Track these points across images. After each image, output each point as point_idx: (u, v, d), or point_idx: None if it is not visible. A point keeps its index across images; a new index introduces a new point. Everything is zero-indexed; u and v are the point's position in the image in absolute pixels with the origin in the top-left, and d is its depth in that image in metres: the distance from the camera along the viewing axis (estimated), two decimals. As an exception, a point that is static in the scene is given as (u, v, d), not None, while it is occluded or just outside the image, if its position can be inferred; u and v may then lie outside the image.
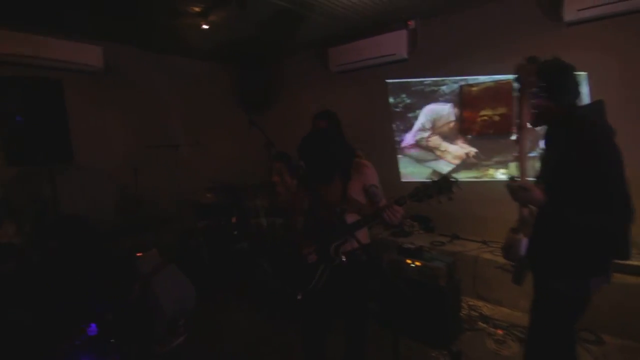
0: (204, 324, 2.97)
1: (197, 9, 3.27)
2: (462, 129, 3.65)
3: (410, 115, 3.97)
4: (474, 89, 3.51)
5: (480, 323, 2.81)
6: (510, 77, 3.23)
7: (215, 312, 3.20)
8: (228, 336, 2.85)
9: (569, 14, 2.83)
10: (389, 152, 4.11)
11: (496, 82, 3.37)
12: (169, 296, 2.61)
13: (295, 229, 1.92)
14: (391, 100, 4.09)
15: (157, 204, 4.29)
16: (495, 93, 3.39)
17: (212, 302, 3.34)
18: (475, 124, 3.55)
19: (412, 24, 3.79)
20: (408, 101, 3.99)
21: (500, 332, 2.67)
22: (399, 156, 4.11)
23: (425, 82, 3.82)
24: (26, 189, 3.39)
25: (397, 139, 4.10)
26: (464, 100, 3.59)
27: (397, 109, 4.07)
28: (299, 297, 1.77)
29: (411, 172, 4.08)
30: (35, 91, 2.82)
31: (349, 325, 1.87)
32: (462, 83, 3.58)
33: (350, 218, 1.70)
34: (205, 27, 3.45)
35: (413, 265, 2.58)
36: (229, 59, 5.16)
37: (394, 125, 4.10)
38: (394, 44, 3.85)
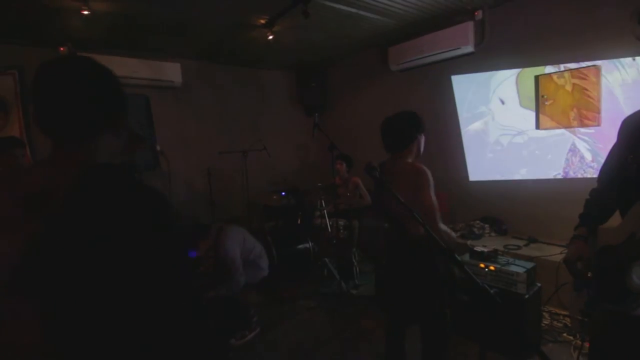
0: (272, 321, 3.12)
1: (262, 21, 3.46)
2: (539, 123, 3.35)
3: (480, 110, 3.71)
4: (556, 75, 3.17)
5: (565, 335, 2.57)
6: (595, 62, 2.92)
7: (282, 309, 3.34)
8: (294, 332, 2.95)
9: None
10: (458, 151, 3.92)
11: (577, 70, 3.03)
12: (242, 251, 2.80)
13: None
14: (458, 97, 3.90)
15: (229, 205, 4.61)
16: (582, 78, 3.04)
17: (279, 300, 3.49)
18: (563, 112, 3.19)
19: (479, 14, 3.59)
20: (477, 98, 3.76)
21: (588, 344, 2.41)
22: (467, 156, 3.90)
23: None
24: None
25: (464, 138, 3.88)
26: (543, 90, 3.29)
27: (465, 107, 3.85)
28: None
29: (483, 169, 3.84)
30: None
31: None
32: (539, 74, 3.29)
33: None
34: (270, 37, 3.63)
35: (487, 270, 2.44)
36: (291, 66, 5.36)
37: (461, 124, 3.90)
38: (459, 37, 3.67)
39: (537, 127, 3.37)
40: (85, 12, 2.85)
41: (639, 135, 1.11)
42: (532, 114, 3.33)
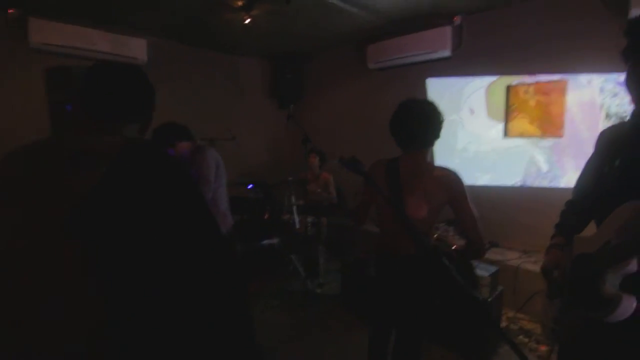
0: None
1: (240, 3, 3.28)
2: (507, 131, 3.46)
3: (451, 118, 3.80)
4: (523, 89, 3.31)
5: (521, 337, 2.66)
6: (564, 76, 3.05)
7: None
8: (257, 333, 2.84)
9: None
10: (428, 154, 3.96)
11: (547, 82, 3.16)
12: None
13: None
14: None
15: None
16: (546, 93, 3.19)
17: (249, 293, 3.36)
18: (524, 125, 3.35)
19: (457, 19, 3.63)
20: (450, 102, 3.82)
21: (543, 347, 2.51)
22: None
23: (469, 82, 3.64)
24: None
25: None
26: (511, 101, 3.40)
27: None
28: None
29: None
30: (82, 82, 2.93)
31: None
32: (510, 83, 3.39)
33: None
34: (247, 21, 3.45)
35: (453, 272, 2.46)
36: (266, 54, 5.17)
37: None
38: (437, 40, 3.70)
39: (505, 134, 3.48)
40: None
41: (614, 148, 1.13)
42: (498, 125, 3.51)
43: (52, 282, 0.77)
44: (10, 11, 3.26)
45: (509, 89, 3.40)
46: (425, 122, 1.66)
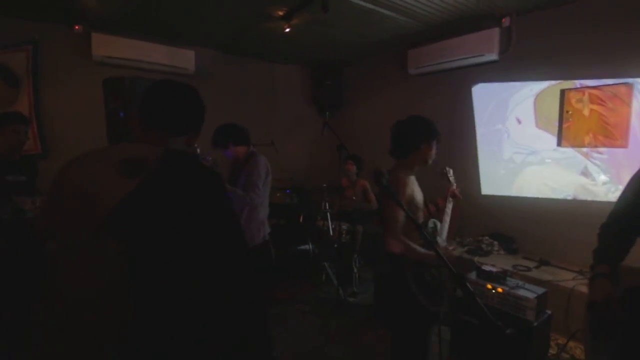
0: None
1: (280, 13, 3.35)
2: (562, 139, 3.19)
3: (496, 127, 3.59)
4: (579, 94, 3.04)
5: (572, 368, 2.41)
6: (626, 80, 2.75)
7: (275, 311, 3.23)
8: (285, 336, 2.84)
9: None
10: (471, 163, 3.77)
11: (609, 85, 2.87)
12: None
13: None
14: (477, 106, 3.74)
15: (231, 199, 4.51)
16: (607, 99, 2.89)
17: (273, 301, 3.38)
18: (578, 135, 3.08)
19: (506, 21, 3.43)
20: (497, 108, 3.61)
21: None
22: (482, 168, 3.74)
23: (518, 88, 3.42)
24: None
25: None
26: (567, 107, 3.13)
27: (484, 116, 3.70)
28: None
29: (495, 184, 3.69)
30: (135, 91, 3.15)
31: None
32: (565, 87, 3.13)
33: None
34: (287, 30, 3.52)
35: (494, 291, 2.29)
36: (306, 61, 5.25)
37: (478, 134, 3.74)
38: (483, 44, 3.51)
39: (559, 144, 3.21)
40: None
41: None
42: (547, 135, 3.28)
43: (86, 275, 0.84)
44: (76, 27, 3.61)
45: (563, 94, 3.14)
46: (399, 138, 1.87)
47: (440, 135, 1.84)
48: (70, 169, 0.93)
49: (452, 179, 2.09)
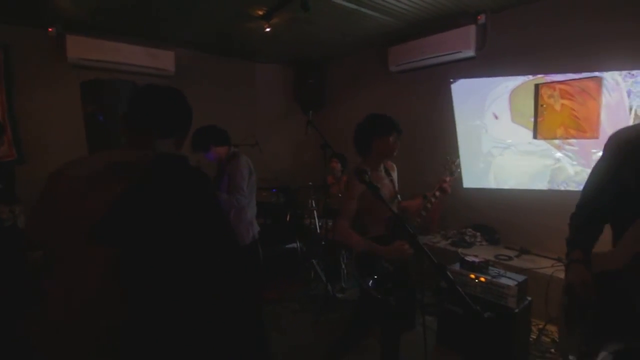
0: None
1: (260, 12, 3.35)
2: (537, 132, 3.31)
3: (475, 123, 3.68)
4: (552, 88, 3.16)
5: (552, 350, 2.51)
6: (593, 74, 2.88)
7: (265, 311, 3.23)
8: (275, 336, 2.86)
9: None
10: (452, 156, 3.85)
11: (579, 79, 3.00)
12: None
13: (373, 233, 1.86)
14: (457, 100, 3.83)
15: (217, 200, 4.48)
16: (578, 92, 3.02)
17: (263, 300, 3.39)
18: (551, 128, 3.21)
19: (481, 18, 3.52)
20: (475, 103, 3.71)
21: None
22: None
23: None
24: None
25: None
26: (541, 101, 3.24)
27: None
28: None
29: (475, 178, 3.80)
30: (114, 94, 3.09)
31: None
32: (539, 82, 3.24)
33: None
34: (267, 29, 3.52)
35: (477, 280, 2.37)
36: (288, 60, 5.24)
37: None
38: (461, 41, 3.60)
39: (535, 136, 3.32)
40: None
41: (633, 150, 1.04)
42: (522, 129, 3.41)
43: (78, 282, 0.84)
44: (50, 30, 3.51)
45: (538, 88, 3.25)
46: (354, 139, 2.05)
47: (395, 128, 1.91)
48: (60, 176, 0.92)
49: (453, 171, 2.04)
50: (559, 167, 3.24)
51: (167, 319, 0.85)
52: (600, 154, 1.21)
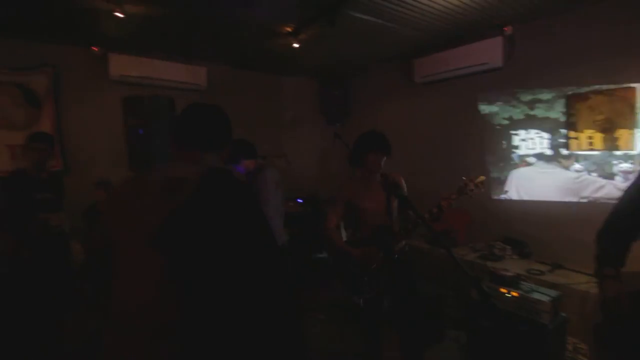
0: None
1: (289, 29, 3.48)
2: (570, 145, 3.24)
3: (512, 132, 3.63)
4: (584, 98, 3.09)
5: (589, 370, 2.42)
6: (628, 85, 2.80)
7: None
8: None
9: None
10: (480, 168, 3.81)
11: (611, 90, 2.93)
12: None
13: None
14: (485, 111, 3.80)
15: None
16: (609, 103, 2.95)
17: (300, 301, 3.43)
18: (583, 137, 3.12)
19: (509, 29, 3.51)
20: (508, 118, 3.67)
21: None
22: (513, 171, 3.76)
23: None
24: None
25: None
26: (572, 112, 3.18)
27: (497, 124, 3.75)
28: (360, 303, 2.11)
29: (504, 189, 3.73)
30: (152, 109, 3.29)
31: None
32: (570, 92, 3.18)
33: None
34: (295, 45, 3.64)
35: (509, 295, 2.33)
36: (314, 74, 5.37)
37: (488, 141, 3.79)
38: (487, 52, 3.60)
39: (567, 148, 3.25)
40: (119, 15, 2.93)
41: None
42: (554, 139, 3.32)
43: (137, 285, 0.93)
44: (94, 49, 3.77)
45: (568, 99, 3.19)
46: None
47: (371, 146, 2.22)
48: (122, 190, 1.04)
49: (464, 189, 2.05)
50: (590, 179, 3.14)
51: (217, 317, 0.92)
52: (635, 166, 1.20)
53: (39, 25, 3.30)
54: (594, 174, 3.12)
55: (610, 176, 3.04)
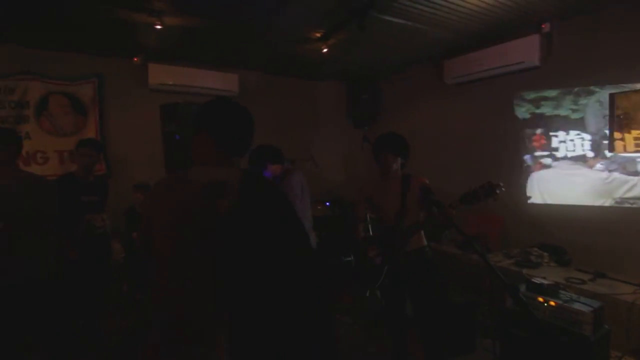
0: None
1: (318, 35, 3.53)
2: (613, 145, 3.05)
3: (551, 133, 3.48)
4: (628, 98, 2.91)
5: (637, 388, 2.27)
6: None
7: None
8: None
9: None
10: (517, 171, 3.68)
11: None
12: None
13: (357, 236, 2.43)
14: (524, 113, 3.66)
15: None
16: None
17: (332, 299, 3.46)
18: (629, 139, 2.94)
19: (546, 27, 3.37)
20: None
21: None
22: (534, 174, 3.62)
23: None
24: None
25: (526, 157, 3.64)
26: (617, 112, 3.00)
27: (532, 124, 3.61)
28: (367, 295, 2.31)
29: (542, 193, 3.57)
30: (188, 115, 3.43)
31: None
32: (614, 92, 3.01)
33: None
34: (325, 50, 3.68)
35: (546, 304, 2.23)
36: (342, 77, 5.39)
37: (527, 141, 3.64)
38: (524, 51, 3.46)
39: (611, 150, 3.07)
40: (158, 27, 3.09)
41: None
42: (600, 140, 3.15)
43: (186, 289, 0.95)
44: (135, 59, 4.00)
45: (612, 98, 3.02)
46: None
47: (381, 147, 2.28)
48: (162, 193, 1.05)
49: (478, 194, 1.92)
50: (621, 178, 3.00)
51: (260, 321, 0.95)
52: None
53: (86, 38, 3.54)
54: (616, 173, 3.02)
55: (635, 173, 2.92)
